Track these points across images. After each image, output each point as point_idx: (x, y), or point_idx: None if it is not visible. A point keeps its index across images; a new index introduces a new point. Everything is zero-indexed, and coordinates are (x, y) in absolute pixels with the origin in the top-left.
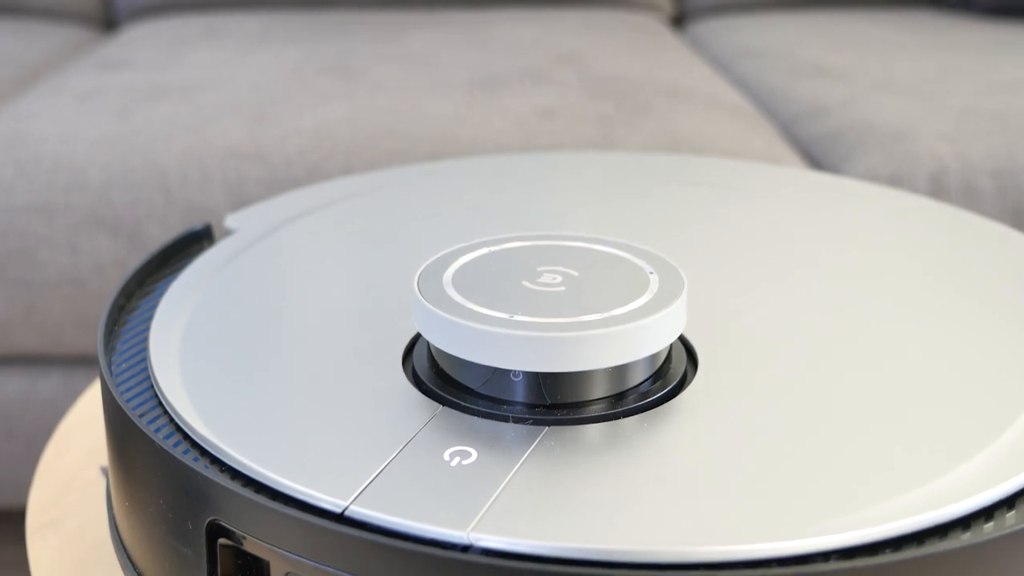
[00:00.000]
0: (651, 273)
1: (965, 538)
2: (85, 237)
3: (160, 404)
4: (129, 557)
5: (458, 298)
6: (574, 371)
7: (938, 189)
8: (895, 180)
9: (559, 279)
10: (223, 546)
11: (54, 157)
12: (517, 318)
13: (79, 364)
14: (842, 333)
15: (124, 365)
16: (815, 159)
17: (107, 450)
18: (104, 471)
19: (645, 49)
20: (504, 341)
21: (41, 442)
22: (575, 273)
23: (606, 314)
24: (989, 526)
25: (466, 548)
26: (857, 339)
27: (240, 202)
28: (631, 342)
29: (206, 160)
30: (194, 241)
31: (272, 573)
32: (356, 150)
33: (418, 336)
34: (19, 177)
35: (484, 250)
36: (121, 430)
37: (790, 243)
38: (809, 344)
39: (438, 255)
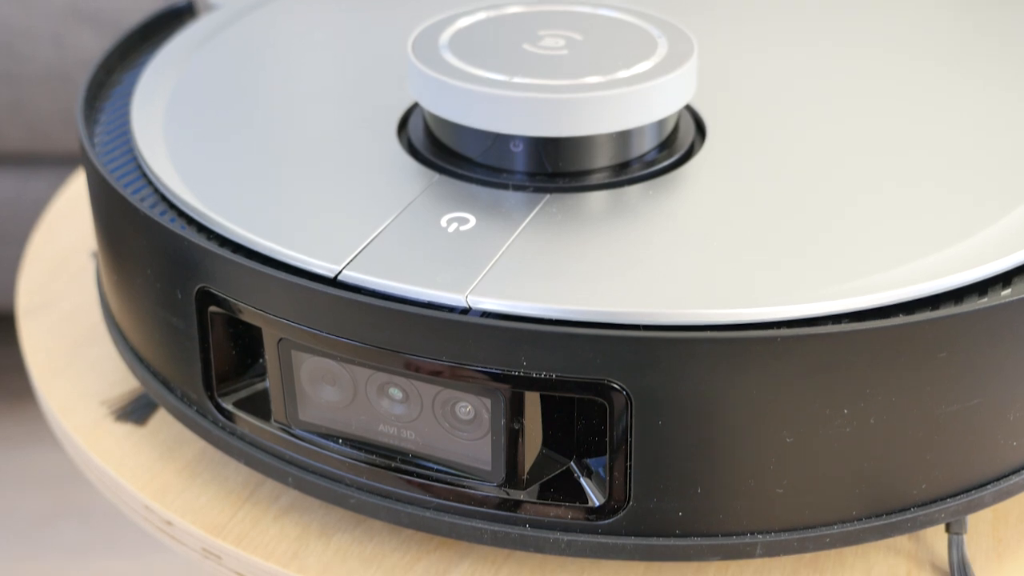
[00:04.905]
0: (659, 37)
1: (982, 303)
2: (68, 29)
3: (145, 176)
4: (122, 334)
5: (455, 61)
6: (575, 136)
7: None
8: None
9: (562, 43)
10: (214, 314)
11: None
12: (517, 80)
13: (69, 163)
14: (857, 103)
15: (107, 137)
16: None
17: (93, 225)
18: (94, 255)
19: None
20: (502, 103)
21: None
22: (579, 37)
23: (610, 76)
24: (1007, 292)
25: (465, 311)
26: (873, 109)
27: None
28: (636, 105)
29: None
30: (175, 17)
31: (264, 340)
32: None
33: (414, 106)
34: None
35: (482, 14)
36: (105, 200)
37: (806, 17)
38: (822, 114)
39: (434, 19)
